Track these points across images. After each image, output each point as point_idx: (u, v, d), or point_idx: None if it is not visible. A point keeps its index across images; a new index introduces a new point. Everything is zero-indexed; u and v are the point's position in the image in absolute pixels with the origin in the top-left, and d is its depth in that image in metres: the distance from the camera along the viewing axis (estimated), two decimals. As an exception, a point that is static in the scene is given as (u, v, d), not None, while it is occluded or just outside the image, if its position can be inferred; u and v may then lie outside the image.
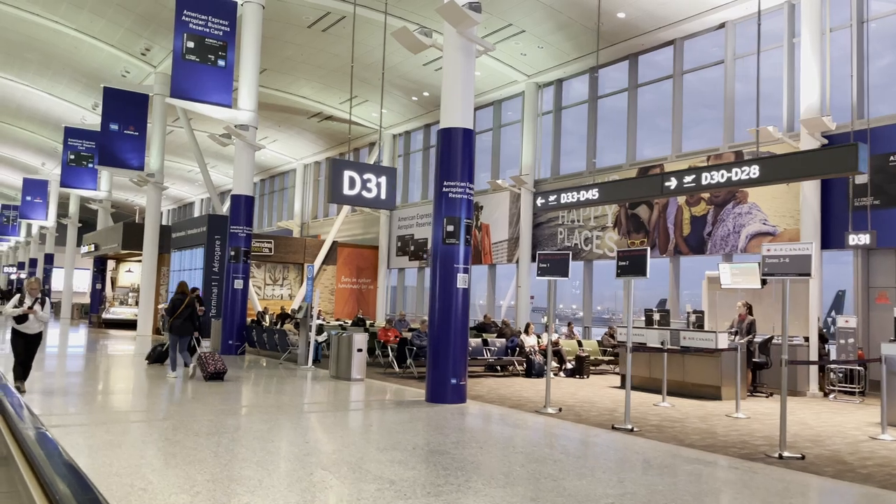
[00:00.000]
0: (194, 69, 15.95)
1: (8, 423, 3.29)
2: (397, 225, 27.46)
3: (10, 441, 3.02)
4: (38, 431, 2.88)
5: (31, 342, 9.05)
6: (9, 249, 58.42)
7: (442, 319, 9.58)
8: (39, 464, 2.28)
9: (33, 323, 8.96)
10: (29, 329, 8.97)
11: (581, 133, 20.62)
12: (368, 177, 9.91)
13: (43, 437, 2.73)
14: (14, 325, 8.91)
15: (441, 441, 6.77)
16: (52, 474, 2.11)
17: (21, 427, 3.00)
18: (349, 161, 9.83)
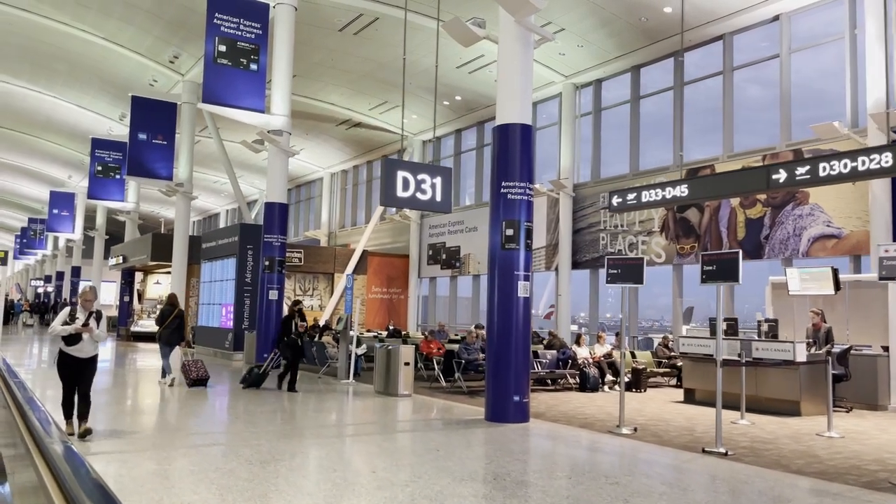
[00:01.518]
0: (226, 73, 15.45)
1: (36, 442, 3.22)
2: (428, 233, 26.80)
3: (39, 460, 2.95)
4: (66, 447, 2.80)
5: (83, 369, 7.05)
6: (36, 263, 58.71)
7: (502, 331, 8.85)
8: (68, 485, 2.18)
9: (87, 344, 7.04)
10: (82, 352, 7.01)
11: (621, 135, 19.84)
12: (423, 177, 9.22)
13: (71, 453, 2.63)
14: (63, 346, 7.01)
15: (521, 469, 6.03)
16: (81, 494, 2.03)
17: (49, 445, 2.91)
18: (403, 161, 9.20)
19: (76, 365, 7.02)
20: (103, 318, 7.24)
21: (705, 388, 11.72)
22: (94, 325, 7.02)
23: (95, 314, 7.12)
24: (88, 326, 6.94)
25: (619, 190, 10.63)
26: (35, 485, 3.16)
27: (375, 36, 19.33)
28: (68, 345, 6.96)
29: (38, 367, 15.47)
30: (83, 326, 6.91)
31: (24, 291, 61.17)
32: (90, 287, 7.45)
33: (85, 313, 7.05)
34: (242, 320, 17.89)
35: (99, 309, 7.21)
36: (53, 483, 2.48)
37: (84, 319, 6.96)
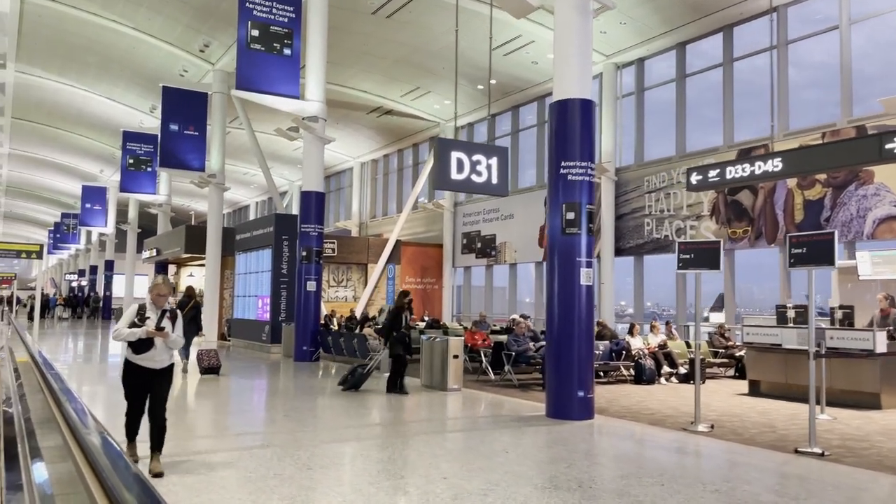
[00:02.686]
0: (259, 59, 15.01)
1: (73, 433, 3.30)
2: (462, 221, 26.24)
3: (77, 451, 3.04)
4: (103, 439, 2.89)
5: (155, 383, 5.50)
6: (70, 257, 59.40)
7: (563, 322, 8.27)
8: (106, 475, 2.19)
9: (161, 352, 5.50)
10: (153, 361, 5.47)
11: (665, 116, 19.03)
12: (478, 158, 8.65)
13: (108, 445, 2.69)
14: (129, 354, 5.51)
15: (606, 475, 5.47)
16: (119, 485, 2.03)
17: (86, 436, 3.00)
18: (457, 140, 8.68)
19: (146, 377, 5.47)
20: (179, 319, 5.67)
21: (772, 380, 11.04)
22: (169, 327, 5.51)
23: (170, 313, 5.60)
24: (163, 330, 5.41)
25: (700, 166, 9.92)
26: (74, 475, 3.16)
27: (409, 18, 18.74)
28: (136, 352, 5.42)
29: (74, 362, 15.27)
30: (157, 329, 5.39)
31: (59, 286, 62.00)
32: (163, 278, 5.74)
33: (157, 311, 5.54)
34: (279, 312, 17.53)
35: (174, 307, 5.76)
36: (91, 474, 2.47)
37: (157, 320, 5.47)
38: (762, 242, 15.81)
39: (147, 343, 5.42)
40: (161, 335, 5.42)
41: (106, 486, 2.22)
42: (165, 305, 5.61)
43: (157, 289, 5.63)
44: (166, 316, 5.56)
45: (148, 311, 5.53)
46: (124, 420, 5.59)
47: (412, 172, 29.77)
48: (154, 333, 5.39)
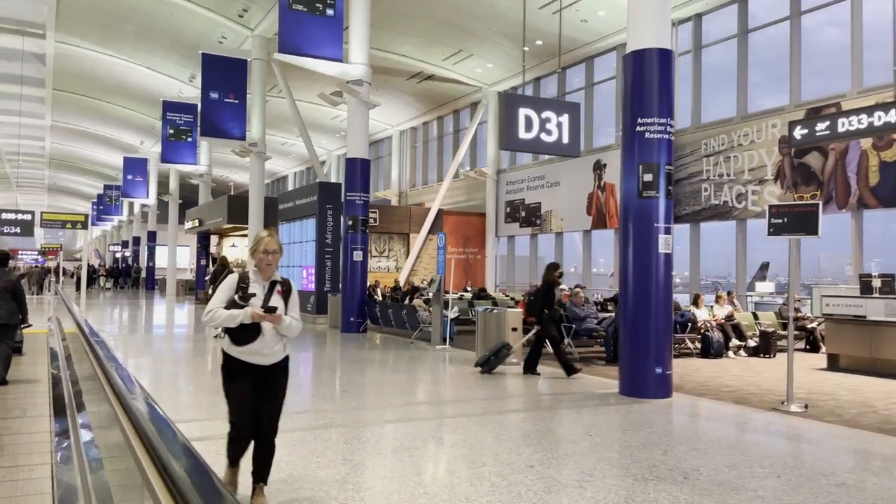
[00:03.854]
0: (302, 20, 14.43)
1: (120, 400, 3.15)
2: (505, 189, 25.54)
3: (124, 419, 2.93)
4: (149, 407, 2.79)
5: (266, 385, 3.93)
6: (113, 229, 60.31)
7: (639, 293, 7.66)
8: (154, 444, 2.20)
9: (272, 341, 3.89)
10: (260, 356, 3.88)
11: (724, 76, 17.98)
12: (547, 115, 8.01)
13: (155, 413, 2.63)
14: (227, 345, 3.91)
15: (709, 464, 4.91)
16: (168, 456, 2.05)
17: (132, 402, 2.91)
18: (525, 96, 8.08)
19: (253, 378, 3.85)
20: (294, 294, 3.98)
21: (854, 354, 10.29)
22: (281, 306, 3.82)
23: (281, 286, 3.92)
24: (275, 312, 3.74)
25: (805, 120, 9.12)
26: (122, 444, 3.07)
27: (453, -25, 17.92)
28: (238, 343, 3.81)
29: (119, 332, 15.19)
30: (267, 312, 3.72)
31: (103, 257, 63.14)
32: (270, 231, 4.04)
33: (264, 283, 3.88)
34: (324, 283, 17.20)
35: (286, 277, 4.02)
36: (139, 442, 2.45)
37: (265, 297, 3.83)
38: (832, 207, 14.85)
39: (252, 330, 3.76)
40: (272, 319, 3.72)
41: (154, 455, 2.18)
42: (275, 275, 3.91)
43: (262, 244, 3.83)
44: (276, 290, 3.85)
45: (252, 283, 3.82)
46: (226, 439, 3.99)
47: (453, 140, 29.08)
48: (263, 317, 3.70)
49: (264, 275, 3.89)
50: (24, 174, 51.41)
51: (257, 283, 3.87)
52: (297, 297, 4.03)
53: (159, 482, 2.02)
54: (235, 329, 3.79)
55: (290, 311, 3.92)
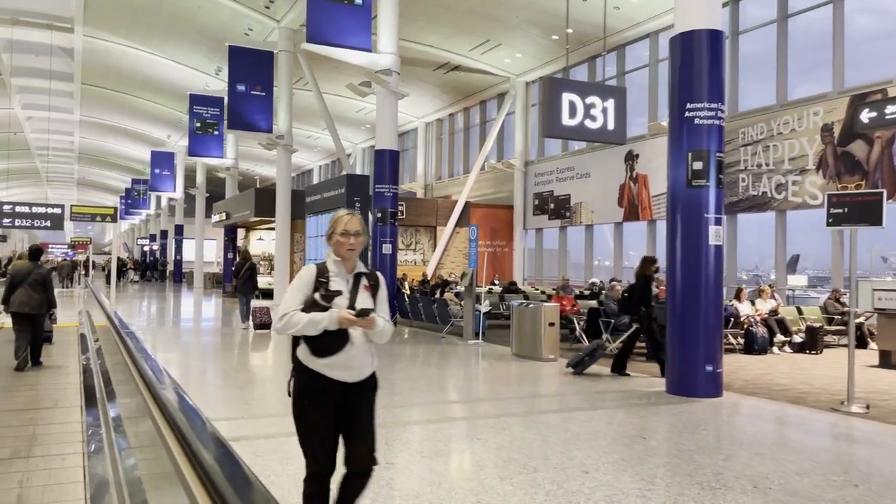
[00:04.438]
0: (330, 10, 14.20)
1: (150, 390, 3.18)
2: (533, 181, 25.14)
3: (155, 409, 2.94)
4: (179, 397, 2.86)
5: (355, 408, 3.08)
6: (141, 222, 60.92)
7: (687, 288, 7.29)
8: (185, 434, 2.20)
9: (362, 351, 3.04)
10: (348, 369, 3.02)
11: (762, 62, 17.38)
12: (592, 101, 7.65)
13: (185, 403, 2.69)
14: (306, 357, 3.03)
15: (777, 471, 4.57)
16: (195, 440, 2.07)
17: (162, 392, 2.97)
18: (570, 80, 7.75)
19: (338, 398, 3.02)
20: (382, 288, 3.15)
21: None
22: (368, 304, 3.03)
23: (368, 278, 3.11)
24: (368, 315, 2.93)
25: (875, 101, 8.67)
26: (152, 433, 3.06)
27: (482, -38, 17.55)
28: (319, 353, 2.97)
29: (148, 325, 15.13)
30: (358, 316, 2.92)
31: (131, 250, 63.83)
32: (348, 211, 3.16)
33: (348, 276, 3.05)
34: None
35: (374, 269, 3.27)
36: (170, 431, 2.39)
37: (349, 294, 3.01)
38: (879, 198, 14.25)
39: (339, 338, 2.93)
40: (365, 324, 2.91)
41: (185, 445, 2.13)
42: (358, 265, 3.09)
43: (341, 224, 3.03)
44: (363, 285, 3.04)
45: (333, 275, 3.01)
46: (303, 490, 3.05)
47: (479, 131, 28.72)
48: (353, 321, 2.89)
49: (347, 265, 3.04)
50: (54, 169, 52.08)
51: (339, 277, 3.00)
52: (385, 290, 3.15)
53: (190, 470, 2.00)
54: (316, 337, 2.92)
55: (380, 310, 3.06)
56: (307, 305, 2.96)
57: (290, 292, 3.03)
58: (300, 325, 2.91)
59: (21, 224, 21.87)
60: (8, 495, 3.96)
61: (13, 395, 7.06)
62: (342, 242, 3.02)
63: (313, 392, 2.99)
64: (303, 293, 2.99)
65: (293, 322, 2.92)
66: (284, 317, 2.93)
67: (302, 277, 3.05)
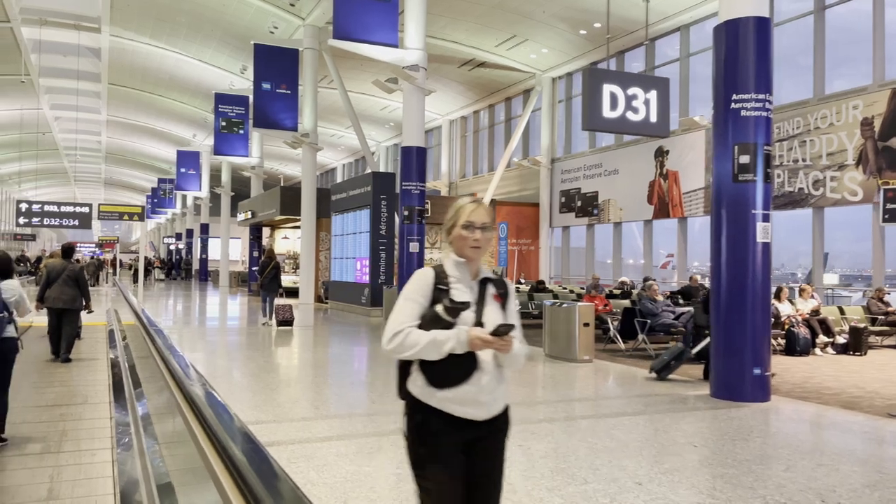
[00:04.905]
0: (357, 5, 14.03)
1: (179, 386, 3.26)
2: (560, 178, 24.80)
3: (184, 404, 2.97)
4: (207, 392, 2.88)
5: (478, 451, 2.38)
6: (167, 221, 61.50)
7: (733, 287, 6.98)
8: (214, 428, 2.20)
9: (493, 381, 2.35)
10: (479, 404, 2.33)
11: (797, 55, 16.90)
12: (634, 92, 7.37)
13: (213, 399, 2.70)
14: (423, 389, 2.33)
15: (843, 483, 4.28)
16: (224, 435, 2.09)
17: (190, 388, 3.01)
18: (611, 71, 7.44)
19: (464, 441, 2.36)
20: (512, 299, 2.51)
21: (963, 354, 9.38)
22: (498, 318, 2.37)
23: (495, 285, 2.45)
24: (506, 334, 2.23)
25: None
26: (181, 430, 3.10)
27: (510, -45, 17.27)
28: (440, 383, 2.31)
29: (175, 324, 15.11)
30: (496, 335, 2.23)
31: (157, 249, 64.47)
32: (474, 199, 2.51)
33: (473, 284, 2.40)
34: (379, 275, 16.84)
35: (499, 272, 3.01)
36: (198, 425, 2.39)
37: (477, 306, 2.36)
38: (922, 193, 13.75)
39: (466, 364, 2.29)
40: (501, 346, 2.24)
41: (214, 439, 2.11)
42: (482, 268, 2.46)
43: (465, 214, 2.39)
44: (490, 293, 2.41)
45: (454, 281, 2.36)
46: None
47: (504, 128, 28.44)
48: (489, 342, 2.22)
49: (471, 267, 2.39)
50: (82, 168, 52.74)
51: (462, 284, 2.36)
52: (514, 301, 2.52)
53: (220, 465, 1.98)
54: (436, 363, 2.27)
55: (510, 316, 2.44)
56: (426, 321, 2.28)
57: (401, 303, 2.38)
58: (419, 347, 2.24)
59: (50, 223, 22.05)
60: (39, 489, 4.04)
61: (44, 391, 7.10)
62: (465, 237, 2.36)
63: (433, 435, 2.30)
64: (418, 304, 2.33)
65: (409, 342, 2.26)
66: (398, 335, 2.28)
67: (416, 284, 2.39)
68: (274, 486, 1.63)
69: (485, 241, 2.39)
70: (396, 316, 2.34)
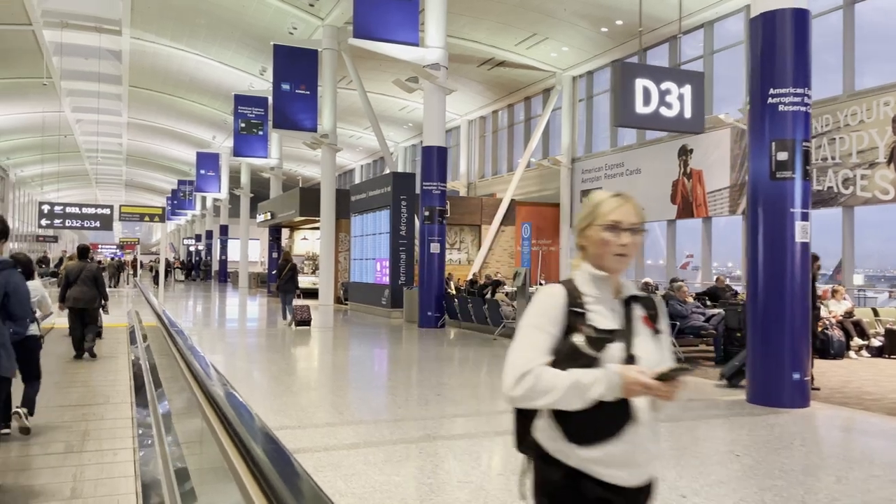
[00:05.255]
0: (378, 4, 13.91)
1: (201, 386, 3.21)
2: (580, 178, 24.52)
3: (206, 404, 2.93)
4: (227, 392, 2.81)
5: None
6: (186, 223, 61.90)
7: (770, 288, 6.73)
8: (235, 428, 2.24)
9: (650, 432, 1.78)
10: (633, 466, 1.75)
11: (825, 51, 16.49)
12: (668, 86, 7.14)
13: (234, 399, 2.66)
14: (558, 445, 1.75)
15: (901, 495, 4.03)
16: (246, 435, 2.09)
17: (212, 388, 2.96)
18: (643, 65, 7.23)
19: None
20: (664, 320, 1.91)
21: None
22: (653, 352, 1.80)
23: (643, 304, 1.85)
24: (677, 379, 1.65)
25: None
26: (202, 429, 3.07)
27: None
28: (584, 439, 1.73)
29: (195, 326, 15.07)
30: (663, 379, 1.64)
31: (177, 250, 64.93)
32: (618, 194, 1.88)
33: (615, 304, 1.82)
34: (399, 276, 16.71)
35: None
36: (220, 425, 2.49)
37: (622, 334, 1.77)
38: (957, 192, 13.36)
39: (617, 412, 1.72)
40: (665, 393, 1.66)
41: (236, 439, 2.17)
42: (626, 283, 1.89)
43: (606, 210, 1.83)
44: (639, 316, 1.85)
45: (591, 301, 1.79)
46: None
47: (524, 128, 28.20)
48: (650, 387, 1.65)
49: (612, 282, 1.85)
50: (103, 171, 53.22)
51: (602, 304, 1.81)
52: (667, 333, 1.96)
53: (243, 466, 2.01)
54: (578, 413, 1.70)
55: (667, 356, 1.88)
56: (561, 357, 1.73)
57: (525, 333, 1.80)
58: (557, 394, 1.68)
59: (72, 224, 22.18)
60: (63, 488, 4.07)
61: (67, 391, 7.11)
62: (607, 242, 1.80)
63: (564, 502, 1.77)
64: (548, 334, 1.77)
65: (543, 387, 1.69)
66: (526, 377, 1.71)
67: (542, 306, 1.81)
68: (296, 486, 1.62)
69: (633, 247, 1.82)
70: (520, 351, 1.76)
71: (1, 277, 4.16)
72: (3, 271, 4.20)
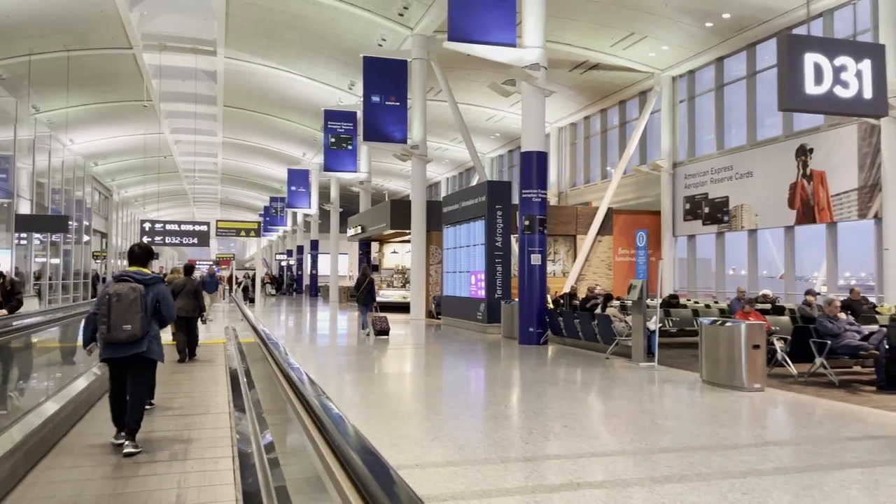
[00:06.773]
0: (473, 5, 13.29)
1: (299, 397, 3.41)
2: (683, 183, 23.06)
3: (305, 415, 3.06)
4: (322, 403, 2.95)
5: None
6: (278, 239, 63.46)
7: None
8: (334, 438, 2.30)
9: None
10: None
11: None
12: (843, 62, 6.03)
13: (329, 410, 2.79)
14: None
15: None
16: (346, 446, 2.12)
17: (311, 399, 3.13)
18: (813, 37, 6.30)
19: None
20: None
21: None
22: None
23: None
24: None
25: None
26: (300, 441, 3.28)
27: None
28: None
29: (287, 338, 14.79)
30: None
31: (270, 266, 66.65)
32: None
33: None
34: (495, 289, 15.92)
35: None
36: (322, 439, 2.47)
37: None
38: None
39: None
40: None
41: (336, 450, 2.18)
42: None
43: None
44: None
45: None
46: None
47: (618, 133, 26.95)
48: None
49: None
50: (200, 189, 55.31)
51: None
52: None
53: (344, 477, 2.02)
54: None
55: None
56: None
57: None
58: None
59: (171, 241, 22.68)
60: (169, 495, 4.30)
61: (171, 401, 7.40)
62: None
63: None
64: None
65: None
66: None
67: None
68: (396, 496, 1.64)
69: None
70: None
71: (154, 289, 5.37)
72: (154, 285, 5.40)
